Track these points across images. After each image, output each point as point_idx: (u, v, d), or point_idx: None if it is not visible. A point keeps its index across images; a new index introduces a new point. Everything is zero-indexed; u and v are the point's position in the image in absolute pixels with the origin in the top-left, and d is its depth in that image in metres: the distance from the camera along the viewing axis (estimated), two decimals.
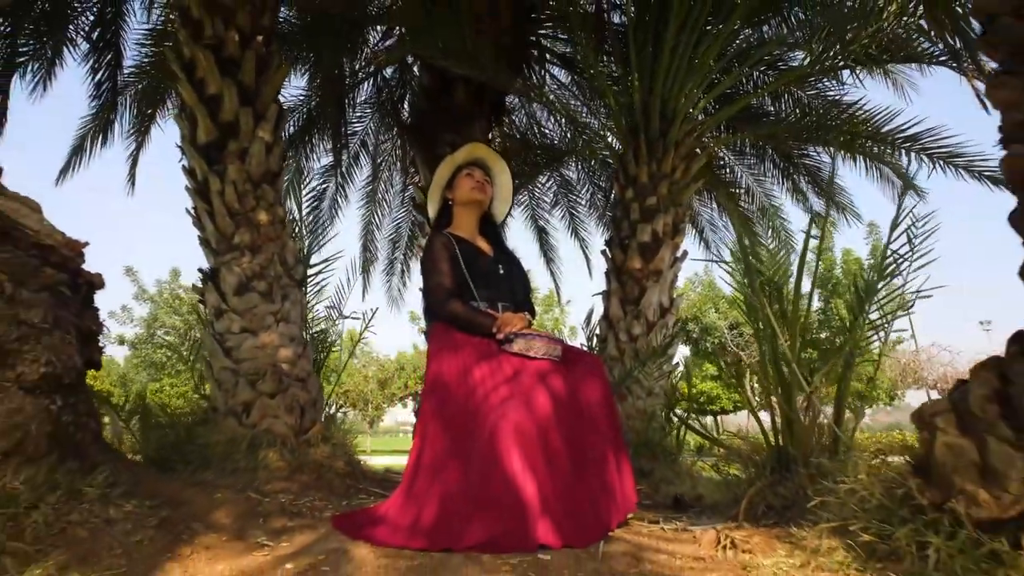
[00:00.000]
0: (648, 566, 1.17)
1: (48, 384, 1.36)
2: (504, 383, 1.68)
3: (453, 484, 1.57)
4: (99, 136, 5.89)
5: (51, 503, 1.19)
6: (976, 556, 0.82)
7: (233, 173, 3.08)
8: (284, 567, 1.18)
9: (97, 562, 1.07)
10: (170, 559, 1.14)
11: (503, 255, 2.15)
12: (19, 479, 1.22)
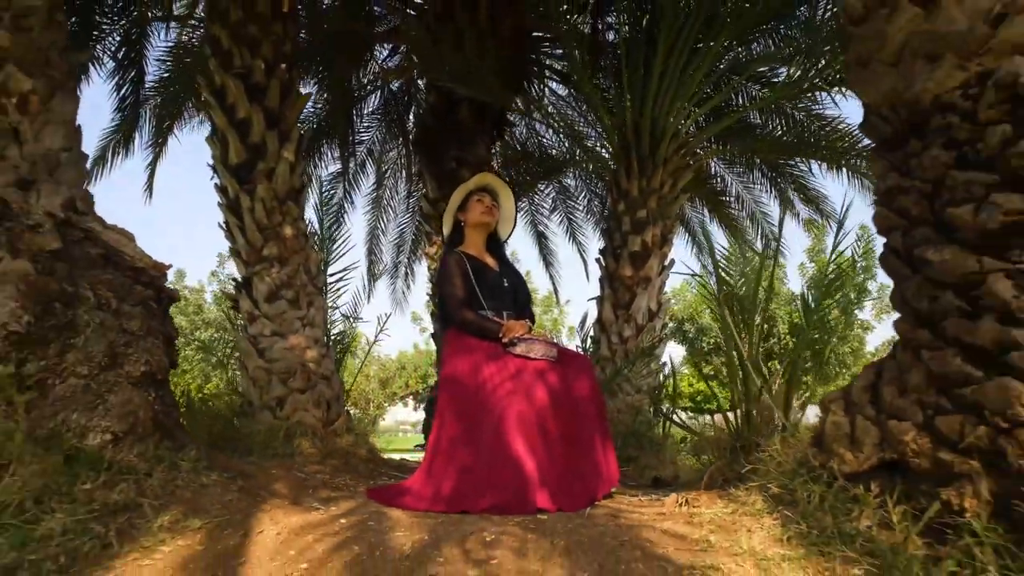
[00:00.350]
0: (622, 520, 1.53)
1: (147, 380, 1.72)
2: (508, 380, 2.04)
3: (467, 462, 1.93)
4: (121, 147, 6.23)
5: (159, 472, 1.55)
6: (843, 498, 1.18)
7: (262, 191, 3.43)
8: (339, 521, 1.53)
9: (206, 513, 1.43)
10: (257, 512, 1.49)
11: (507, 269, 2.51)
12: (133, 453, 1.57)
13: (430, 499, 1.86)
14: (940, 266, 1.08)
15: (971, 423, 0.99)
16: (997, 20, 0.99)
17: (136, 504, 1.38)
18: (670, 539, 1.27)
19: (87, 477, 1.42)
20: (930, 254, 1.09)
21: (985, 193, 1.01)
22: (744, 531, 1.24)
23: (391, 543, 1.31)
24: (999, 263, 1.00)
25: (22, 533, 1.22)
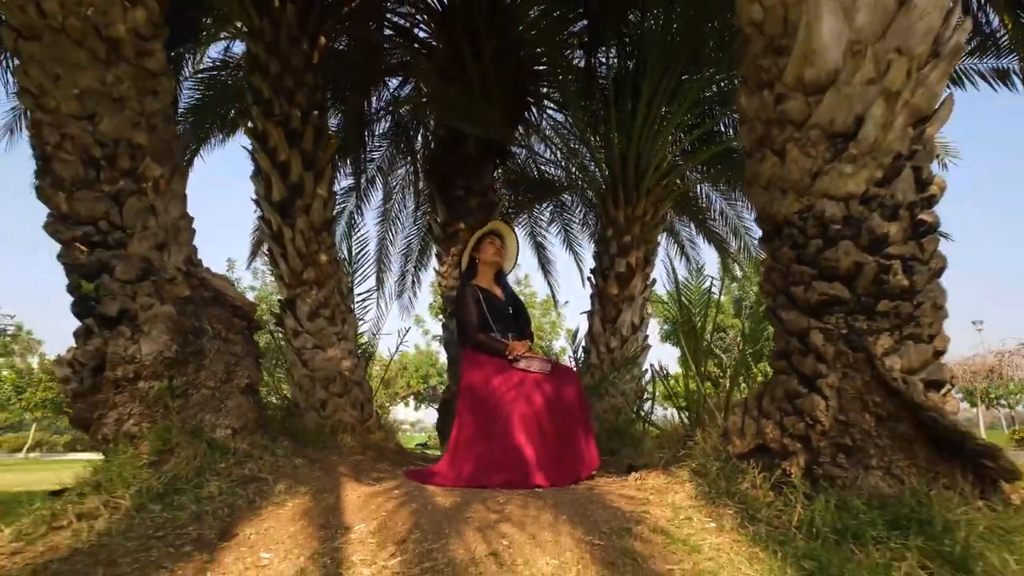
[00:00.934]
0: (595, 490, 2.17)
1: (249, 389, 2.37)
2: (512, 388, 2.69)
3: (482, 451, 2.58)
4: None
5: (265, 456, 2.19)
6: (734, 470, 1.82)
7: (301, 224, 4.08)
8: (393, 492, 2.17)
9: (305, 483, 2.07)
10: (337, 484, 2.13)
11: (511, 298, 3.16)
12: (245, 443, 2.22)
13: (455, 478, 2.50)
14: (788, 323, 1.72)
15: (798, 421, 1.64)
16: (815, 176, 1.63)
17: (259, 477, 2.03)
18: (623, 498, 1.92)
19: (222, 459, 2.06)
20: (783, 314, 1.74)
21: (810, 280, 1.65)
22: (671, 493, 1.89)
23: (435, 503, 1.96)
24: (817, 323, 1.64)
25: (194, 493, 1.87)
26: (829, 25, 1.57)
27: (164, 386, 2.09)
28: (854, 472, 1.53)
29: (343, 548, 1.55)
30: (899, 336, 1.54)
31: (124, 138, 2.31)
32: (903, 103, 1.54)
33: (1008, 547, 1.27)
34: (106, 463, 2.01)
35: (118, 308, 2.15)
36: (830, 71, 1.57)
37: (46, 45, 2.26)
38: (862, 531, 1.38)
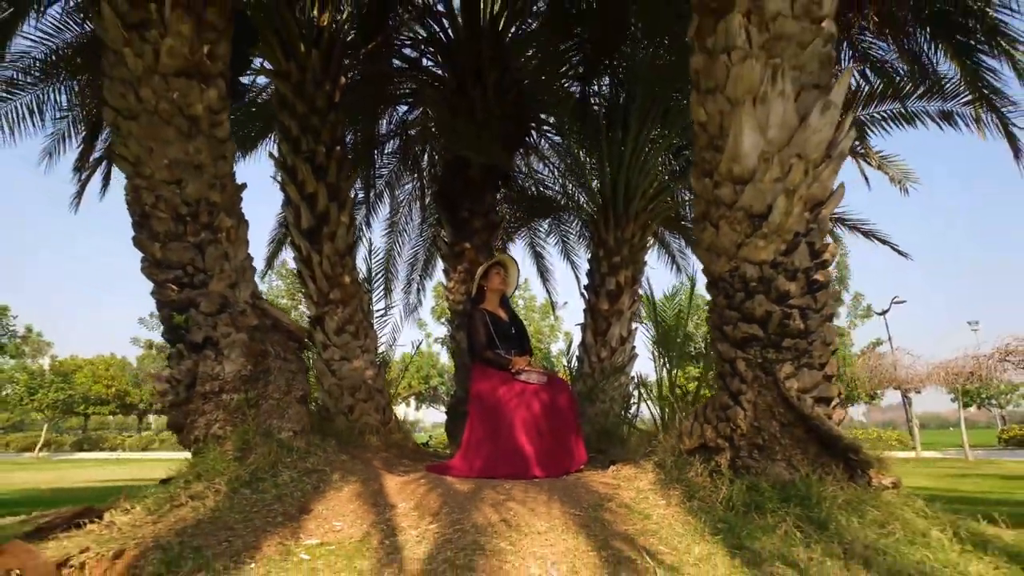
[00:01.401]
0: (580, 479, 2.77)
1: (303, 399, 2.96)
2: (515, 397, 3.28)
3: (490, 449, 3.17)
4: None
5: (319, 453, 2.79)
6: (684, 463, 2.42)
7: (327, 250, 4.66)
8: (420, 480, 2.76)
9: (353, 474, 2.66)
10: (376, 474, 2.72)
11: (513, 320, 3.76)
12: (303, 443, 2.81)
13: (468, 470, 3.10)
14: (722, 352, 2.32)
15: (727, 426, 2.24)
16: (739, 245, 2.23)
17: (319, 469, 2.62)
18: (601, 484, 2.52)
19: (288, 455, 2.66)
20: (719, 346, 2.34)
21: (736, 321, 2.25)
22: (638, 480, 2.49)
23: (456, 488, 2.56)
24: (741, 353, 2.24)
25: (272, 481, 2.46)
26: (749, 138, 2.17)
27: (242, 398, 2.69)
28: (764, 463, 2.13)
29: (393, 519, 2.14)
30: (797, 365, 2.14)
31: (204, 198, 2.91)
32: (800, 196, 2.14)
33: (856, 513, 1.87)
34: (199, 458, 2.61)
35: (203, 336, 2.75)
36: (750, 170, 2.17)
37: (142, 124, 2.85)
38: (763, 504, 1.98)
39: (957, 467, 11.51)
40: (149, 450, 24.34)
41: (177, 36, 2.87)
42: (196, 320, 2.76)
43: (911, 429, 18.60)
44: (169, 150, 2.86)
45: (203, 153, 2.94)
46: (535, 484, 2.63)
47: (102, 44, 2.95)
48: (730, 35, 2.28)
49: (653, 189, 5.99)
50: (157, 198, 2.83)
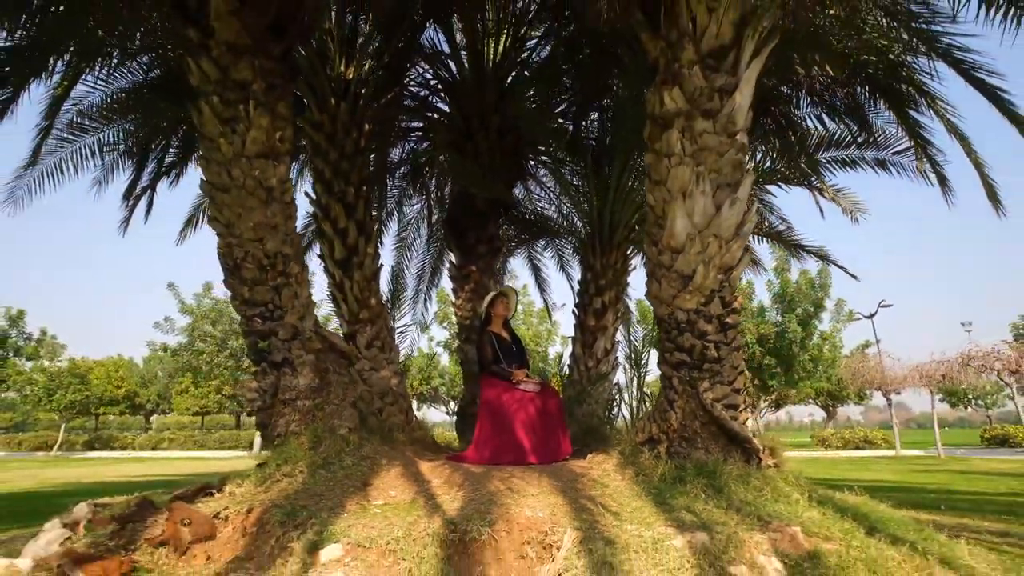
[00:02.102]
0: (565, 466, 3.73)
1: (354, 404, 3.92)
2: (515, 402, 4.25)
3: (496, 443, 4.14)
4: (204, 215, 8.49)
5: (368, 444, 3.74)
6: (638, 451, 3.38)
7: (357, 276, 5.61)
8: (444, 465, 3.72)
9: (396, 460, 3.61)
10: (412, 460, 3.67)
11: (514, 339, 4.72)
12: (356, 437, 3.77)
13: (479, 458, 4.06)
14: (664, 372, 3.28)
15: (665, 424, 3.20)
16: (674, 297, 3.20)
17: (371, 456, 3.58)
18: (578, 467, 3.48)
19: (347, 446, 3.61)
20: (662, 367, 3.30)
21: (673, 350, 3.21)
22: (606, 463, 3.45)
23: (472, 470, 3.51)
24: (675, 373, 3.20)
25: (339, 464, 3.41)
26: (680, 222, 3.13)
27: (312, 403, 3.65)
28: (689, 451, 3.10)
29: (430, 488, 3.10)
30: (712, 382, 3.10)
31: (279, 251, 3.86)
32: (715, 264, 3.10)
33: (743, 483, 2.83)
34: (281, 449, 3.56)
35: (282, 357, 3.71)
36: (681, 245, 3.14)
37: (232, 196, 3.80)
38: (685, 477, 2.94)
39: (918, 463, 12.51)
40: (158, 449, 25.29)
41: (259, 128, 3.82)
42: (276, 345, 3.72)
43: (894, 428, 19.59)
44: (253, 215, 3.82)
45: (277, 216, 3.90)
46: (531, 468, 3.59)
47: (200, 134, 3.91)
48: (670, 144, 3.24)
49: (635, 220, 6.96)
50: (245, 253, 3.78)
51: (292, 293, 3.86)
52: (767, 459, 3.06)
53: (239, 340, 19.18)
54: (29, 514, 5.71)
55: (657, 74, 3.46)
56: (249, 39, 3.83)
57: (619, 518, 2.54)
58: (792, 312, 18.17)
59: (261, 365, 3.75)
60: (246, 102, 3.81)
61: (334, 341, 3.99)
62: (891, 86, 5.89)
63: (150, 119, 7.01)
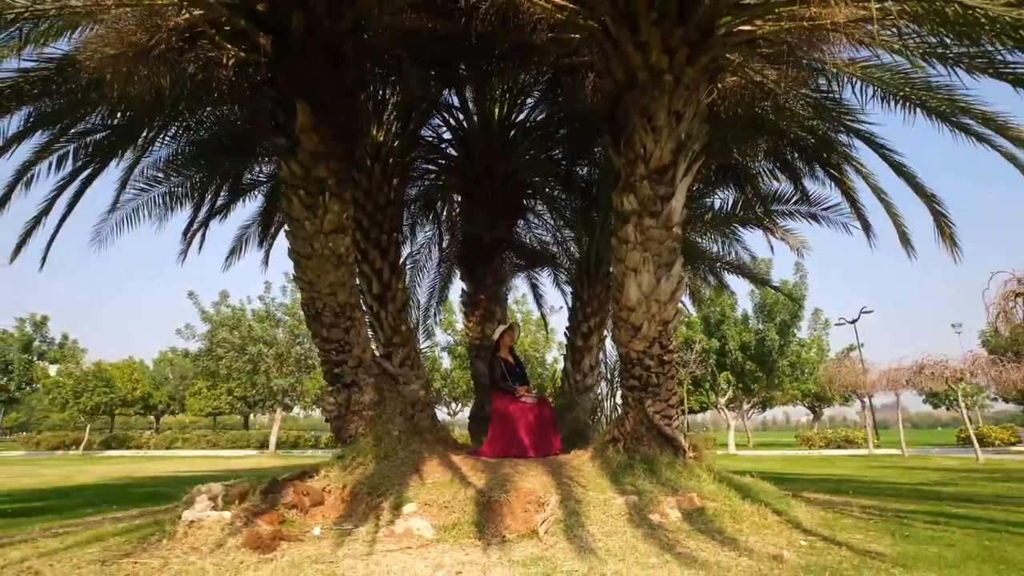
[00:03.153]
0: (556, 459, 5.25)
1: (402, 413, 5.44)
2: (519, 411, 5.80)
3: (504, 442, 5.68)
4: (245, 245, 10.09)
5: (416, 444, 5.25)
6: (605, 447, 4.90)
7: (390, 308, 7.12)
8: (468, 458, 5.23)
9: (434, 454, 5.11)
10: (445, 455, 5.17)
11: (517, 362, 6.27)
12: (406, 437, 5.29)
13: (492, 453, 5.60)
14: (623, 392, 4.80)
15: (623, 427, 4.72)
16: (629, 341, 4.72)
17: (419, 451, 5.09)
18: (563, 459, 5.02)
19: (400, 444, 5.11)
20: (623, 389, 4.82)
21: (628, 377, 4.72)
22: (583, 457, 4.97)
23: (489, 462, 5.04)
24: (630, 393, 4.72)
25: (398, 457, 4.92)
26: (633, 291, 4.66)
27: (373, 413, 5.16)
28: (637, 447, 4.62)
29: (462, 472, 4.61)
30: (653, 399, 4.62)
31: (347, 302, 5.37)
32: (656, 319, 4.62)
33: (671, 469, 4.36)
34: (352, 447, 5.07)
35: (351, 380, 5.22)
36: (633, 306, 4.67)
37: (313, 262, 5.31)
38: (634, 466, 4.47)
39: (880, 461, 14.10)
40: (172, 448, 26.79)
41: (332, 212, 5.33)
42: (347, 371, 5.23)
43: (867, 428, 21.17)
44: (328, 276, 5.33)
45: (345, 275, 5.41)
46: (530, 460, 5.11)
47: (288, 215, 5.41)
48: (627, 234, 4.76)
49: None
50: (324, 304, 5.29)
51: (357, 332, 5.37)
52: (690, 453, 4.59)
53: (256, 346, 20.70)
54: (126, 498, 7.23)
55: (620, 181, 4.99)
56: (324, 147, 5.33)
57: (586, 489, 4.06)
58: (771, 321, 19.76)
59: (336, 385, 5.27)
60: (323, 193, 5.31)
61: (386, 367, 5.51)
62: (821, 155, 7.47)
63: (210, 170, 8.59)
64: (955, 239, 7.21)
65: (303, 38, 5.29)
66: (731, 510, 3.74)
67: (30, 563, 3.28)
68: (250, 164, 8.99)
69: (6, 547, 3.82)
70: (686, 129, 4.84)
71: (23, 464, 16.79)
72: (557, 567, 2.86)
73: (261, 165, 9.17)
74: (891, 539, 3.54)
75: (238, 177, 9.17)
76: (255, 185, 9.50)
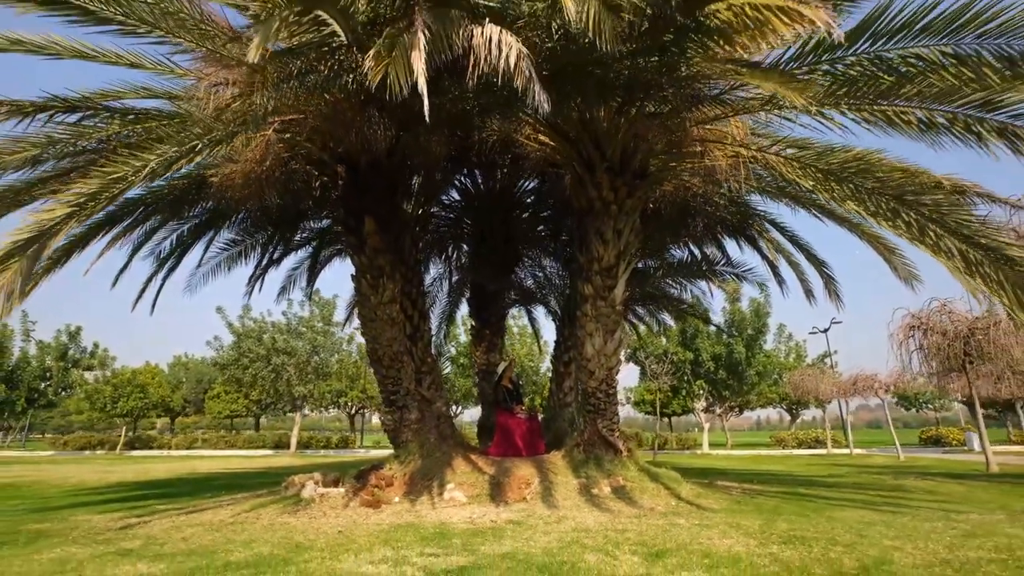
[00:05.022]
0: (540, 457, 7.94)
1: (436, 426, 8.13)
2: (515, 424, 8.55)
3: (506, 445, 8.40)
4: (293, 284, 12.82)
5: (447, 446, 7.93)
6: (573, 449, 7.61)
7: (420, 344, 9.83)
8: (484, 455, 7.90)
9: (458, 454, 7.78)
10: (468, 453, 7.83)
11: (515, 387, 9.00)
12: (440, 442, 7.98)
13: (496, 453, 8.34)
14: (583, 413, 7.50)
15: (582, 437, 7.41)
16: (587, 380, 7.43)
17: (449, 452, 7.78)
18: (545, 458, 7.71)
19: (435, 447, 7.79)
20: (582, 411, 7.52)
21: (584, 403, 7.41)
22: (558, 456, 7.66)
23: (495, 459, 7.73)
24: (588, 415, 7.41)
25: (437, 457, 7.59)
26: (589, 348, 7.37)
27: (417, 426, 7.84)
28: (592, 451, 7.33)
29: (478, 465, 7.29)
30: (602, 418, 7.32)
31: (398, 351, 8.04)
32: (603, 367, 7.32)
33: (613, 463, 7.07)
34: (404, 448, 7.73)
35: (402, 403, 7.90)
36: (589, 358, 7.40)
37: (376, 324, 7.98)
38: (588, 461, 7.16)
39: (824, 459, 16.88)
40: (193, 448, 29.39)
41: (388, 289, 7.99)
42: (399, 398, 7.91)
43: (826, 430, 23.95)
44: (386, 333, 7.99)
45: (397, 333, 8.08)
46: (523, 458, 7.81)
47: (358, 291, 8.07)
48: (586, 311, 7.47)
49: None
50: (384, 353, 7.97)
51: (405, 371, 8.06)
52: (627, 453, 7.28)
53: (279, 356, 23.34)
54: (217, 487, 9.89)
55: (582, 273, 7.68)
56: (383, 245, 7.99)
57: (556, 476, 6.76)
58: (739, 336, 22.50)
59: (392, 407, 7.94)
60: (382, 276, 7.98)
61: (424, 394, 8.19)
62: (742, 231, 10.21)
63: (272, 233, 11.28)
64: (839, 294, 9.98)
65: (368, 171, 7.97)
66: (640, 487, 6.45)
67: (236, 518, 5.93)
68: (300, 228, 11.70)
69: (200, 512, 6.48)
70: (625, 241, 7.54)
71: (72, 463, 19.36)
72: (535, 514, 5.56)
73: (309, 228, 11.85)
74: (728, 502, 6.26)
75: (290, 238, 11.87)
76: (302, 243, 12.20)
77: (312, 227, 11.99)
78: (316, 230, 12.06)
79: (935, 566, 3.55)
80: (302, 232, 11.94)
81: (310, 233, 12.11)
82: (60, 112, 6.54)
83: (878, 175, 5.84)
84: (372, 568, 3.60)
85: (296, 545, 4.30)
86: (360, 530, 4.90)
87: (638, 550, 3.94)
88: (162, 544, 4.49)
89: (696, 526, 4.82)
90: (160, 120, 6.97)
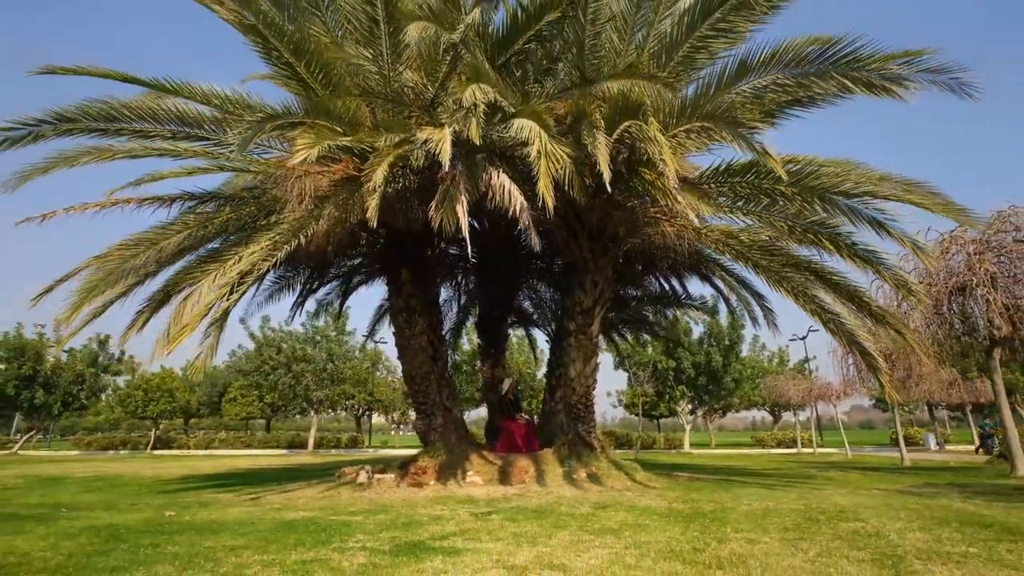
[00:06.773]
0: (536, 453, 10.62)
1: (456, 429, 10.82)
2: (516, 427, 11.27)
3: (510, 443, 11.13)
4: (325, 310, 15.52)
5: (465, 445, 10.62)
6: (560, 447, 10.30)
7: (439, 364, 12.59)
8: (494, 450, 10.58)
9: (474, 451, 10.44)
10: (482, 451, 10.48)
11: (516, 400, 11.74)
12: (460, 441, 10.68)
13: (502, 450, 11.05)
14: (568, 419, 10.21)
15: (565, 438, 10.10)
16: (571, 395, 10.13)
17: (467, 450, 10.47)
18: (540, 454, 10.41)
19: (456, 445, 10.47)
20: (568, 418, 10.23)
21: (570, 412, 10.11)
22: (549, 453, 10.35)
23: (502, 455, 10.42)
24: (572, 420, 10.11)
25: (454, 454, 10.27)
26: (572, 370, 10.08)
27: (442, 429, 10.53)
28: (574, 448, 10.03)
29: (489, 459, 9.98)
30: (583, 423, 10.01)
31: (427, 372, 10.72)
32: (583, 386, 10.02)
33: (592, 458, 9.77)
34: (431, 447, 10.40)
35: (429, 412, 10.59)
36: (573, 379, 10.13)
37: (408, 352, 10.67)
38: (571, 456, 9.86)
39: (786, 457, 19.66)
40: (211, 448, 31.98)
41: (419, 324, 10.66)
42: (427, 407, 10.59)
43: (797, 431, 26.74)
44: (418, 358, 10.68)
45: (425, 358, 10.76)
46: (522, 454, 10.50)
47: (396, 324, 10.75)
48: (570, 342, 10.17)
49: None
50: (415, 374, 10.65)
51: (432, 387, 10.74)
52: (600, 450, 9.97)
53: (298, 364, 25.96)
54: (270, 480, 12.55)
55: (567, 312, 10.38)
56: (415, 290, 10.65)
57: (547, 466, 9.46)
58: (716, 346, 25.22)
59: (422, 415, 10.61)
60: (415, 314, 10.64)
61: (447, 404, 10.86)
62: (699, 271, 12.96)
63: (312, 270, 13.95)
64: (776, 324, 12.72)
65: (404, 235, 10.67)
66: (607, 474, 9.14)
67: (323, 495, 8.59)
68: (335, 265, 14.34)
69: (290, 492, 9.14)
70: (600, 289, 10.24)
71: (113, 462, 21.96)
72: (531, 490, 8.24)
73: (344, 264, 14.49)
74: (669, 484, 8.96)
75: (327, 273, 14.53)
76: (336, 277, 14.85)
77: (345, 263, 14.66)
78: (347, 266, 14.75)
79: (757, 513, 6.24)
80: (337, 267, 14.60)
81: (343, 269, 14.79)
82: (188, 201, 9.22)
83: (772, 252, 8.59)
84: (437, 512, 6.28)
85: (382, 505, 6.99)
86: (417, 498, 7.59)
87: (593, 505, 6.63)
88: (296, 507, 7.16)
89: (636, 496, 7.52)
90: (258, 205, 9.62)
